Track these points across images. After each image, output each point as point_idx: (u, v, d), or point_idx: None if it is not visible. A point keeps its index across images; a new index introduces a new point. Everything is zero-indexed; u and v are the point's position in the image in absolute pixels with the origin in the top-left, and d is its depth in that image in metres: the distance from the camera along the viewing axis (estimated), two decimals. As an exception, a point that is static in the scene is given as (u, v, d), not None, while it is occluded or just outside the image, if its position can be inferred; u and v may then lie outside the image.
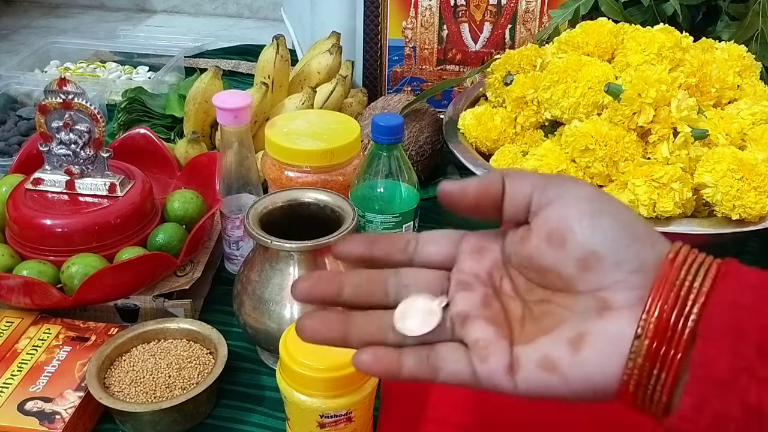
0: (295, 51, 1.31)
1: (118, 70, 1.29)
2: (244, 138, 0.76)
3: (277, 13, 1.73)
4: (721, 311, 0.31)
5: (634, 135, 0.73)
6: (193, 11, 1.96)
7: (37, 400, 0.60)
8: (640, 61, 0.77)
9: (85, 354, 0.65)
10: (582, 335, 0.33)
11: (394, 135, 0.70)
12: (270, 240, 0.61)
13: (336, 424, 0.54)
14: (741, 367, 0.30)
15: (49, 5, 1.97)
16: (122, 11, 1.96)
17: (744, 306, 0.31)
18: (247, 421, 0.63)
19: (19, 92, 1.17)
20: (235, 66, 1.35)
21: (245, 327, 0.66)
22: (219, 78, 0.93)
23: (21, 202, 0.72)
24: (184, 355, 0.64)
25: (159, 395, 0.61)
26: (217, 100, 0.74)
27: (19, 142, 1.03)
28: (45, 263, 0.69)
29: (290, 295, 0.63)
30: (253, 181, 0.78)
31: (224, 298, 0.75)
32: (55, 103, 0.70)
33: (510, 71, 0.87)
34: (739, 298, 0.31)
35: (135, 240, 0.73)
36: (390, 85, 1.10)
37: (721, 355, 0.30)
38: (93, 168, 0.73)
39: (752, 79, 0.82)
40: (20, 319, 0.69)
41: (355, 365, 0.35)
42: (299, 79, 1.01)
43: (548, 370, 0.33)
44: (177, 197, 0.77)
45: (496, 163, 0.81)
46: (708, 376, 0.30)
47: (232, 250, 0.79)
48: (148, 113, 1.04)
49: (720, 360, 0.30)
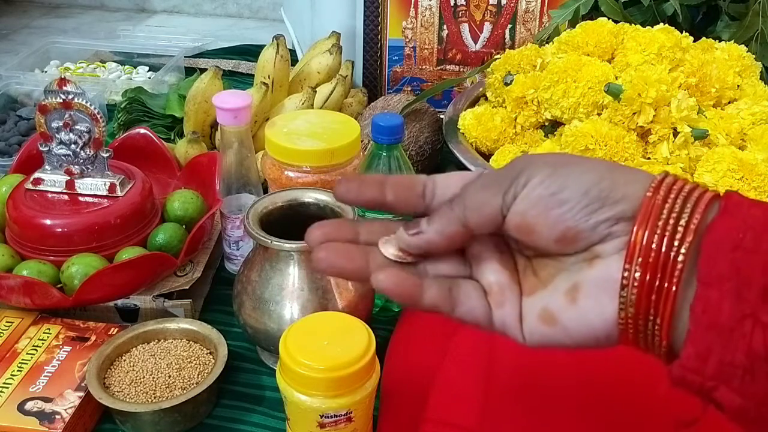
0: (295, 51, 1.31)
1: (118, 70, 1.29)
2: (244, 138, 0.76)
3: (277, 13, 1.73)
4: (721, 254, 0.30)
5: (634, 135, 0.73)
6: (193, 11, 1.96)
7: (37, 400, 0.60)
8: (640, 61, 0.77)
9: (85, 354, 0.65)
10: (576, 285, 0.33)
11: (394, 135, 0.70)
12: (270, 240, 0.61)
13: (336, 424, 0.54)
14: (745, 313, 0.29)
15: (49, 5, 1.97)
16: (122, 11, 1.96)
17: (746, 248, 0.29)
18: (247, 421, 0.63)
19: (19, 92, 1.17)
20: (235, 66, 1.34)
21: (245, 327, 0.66)
22: (219, 78, 0.93)
23: (21, 202, 0.72)
24: (184, 355, 0.64)
25: (159, 395, 0.61)
26: (217, 100, 0.74)
27: (19, 142, 1.03)
28: (45, 263, 0.69)
29: (290, 295, 0.63)
30: (253, 181, 0.78)
31: (224, 298, 0.75)
32: (55, 103, 0.70)
33: (510, 71, 0.87)
34: (741, 238, 0.30)
35: (135, 240, 0.73)
36: (390, 85, 1.10)
37: (724, 301, 0.29)
38: (93, 168, 0.73)
39: (752, 79, 0.82)
40: (20, 319, 0.69)
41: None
42: (299, 79, 1.01)
43: (548, 322, 0.34)
44: (177, 197, 0.77)
45: (496, 163, 0.81)
46: (711, 323, 0.29)
47: (232, 250, 0.79)
48: (148, 113, 1.04)
49: (722, 306, 0.29)
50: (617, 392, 0.58)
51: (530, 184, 0.33)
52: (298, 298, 0.63)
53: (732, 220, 0.30)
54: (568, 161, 0.34)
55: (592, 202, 0.32)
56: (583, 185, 0.33)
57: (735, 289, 0.29)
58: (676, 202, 0.31)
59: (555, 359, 0.60)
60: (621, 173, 0.33)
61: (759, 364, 0.29)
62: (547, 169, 0.33)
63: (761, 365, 0.29)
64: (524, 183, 0.34)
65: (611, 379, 0.59)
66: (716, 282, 0.29)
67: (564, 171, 0.33)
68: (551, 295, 0.34)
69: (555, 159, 0.35)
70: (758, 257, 0.29)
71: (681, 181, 0.32)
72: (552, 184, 0.33)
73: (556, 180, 0.33)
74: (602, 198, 0.32)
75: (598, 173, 0.33)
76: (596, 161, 0.34)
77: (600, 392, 0.58)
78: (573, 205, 0.33)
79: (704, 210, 0.31)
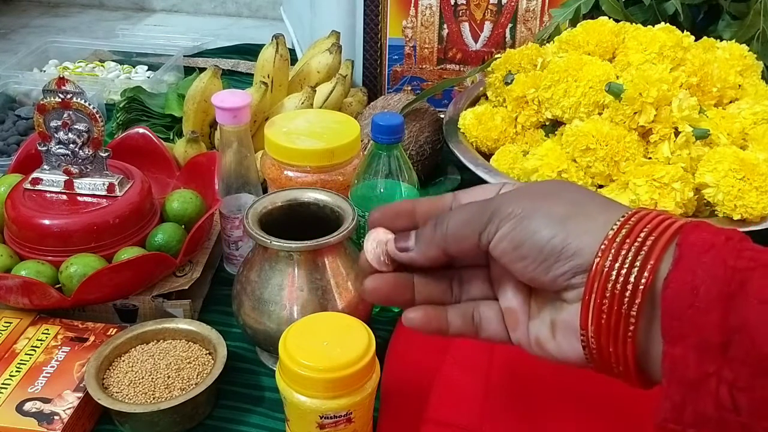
0: (294, 50, 1.31)
1: (116, 69, 1.28)
2: (243, 137, 0.75)
3: (276, 12, 1.73)
4: (678, 311, 0.31)
5: (635, 134, 0.73)
6: (192, 10, 1.96)
7: (35, 400, 0.60)
8: (641, 61, 0.77)
9: (83, 354, 0.64)
10: (554, 323, 0.37)
11: (394, 135, 0.70)
12: (269, 240, 0.61)
13: (336, 425, 0.54)
14: (708, 372, 0.31)
15: (47, 4, 1.96)
16: (121, 10, 1.96)
17: (699, 307, 0.31)
18: (246, 421, 0.63)
19: (18, 92, 1.17)
20: (235, 65, 1.34)
21: (244, 327, 0.65)
22: (218, 77, 0.93)
23: (19, 202, 0.72)
24: (183, 355, 0.64)
25: (158, 396, 0.60)
26: (216, 100, 0.74)
27: (17, 141, 1.03)
28: (44, 263, 0.69)
29: (290, 296, 0.63)
30: (253, 181, 0.78)
31: (223, 298, 0.75)
32: (53, 102, 0.70)
33: (510, 70, 0.86)
34: (694, 296, 0.31)
35: (134, 240, 0.73)
36: (390, 85, 1.10)
37: (688, 357, 0.31)
38: (92, 168, 0.73)
39: (754, 78, 0.82)
40: (19, 320, 0.68)
41: (406, 324, 0.40)
42: (299, 79, 1.01)
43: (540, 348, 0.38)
44: (176, 197, 0.77)
45: (497, 163, 0.81)
46: (681, 378, 0.32)
47: (231, 251, 0.79)
48: (147, 113, 1.04)
49: (688, 362, 0.31)
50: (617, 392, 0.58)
51: (498, 234, 0.36)
52: (298, 298, 0.62)
53: (685, 274, 0.31)
54: (534, 209, 0.36)
55: (547, 258, 0.35)
56: (539, 242, 0.35)
57: (697, 345, 0.31)
58: (627, 259, 0.32)
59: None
60: (575, 223, 0.35)
61: (727, 416, 0.31)
62: (513, 221, 0.36)
63: (729, 416, 0.31)
64: (495, 231, 0.36)
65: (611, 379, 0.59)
66: (679, 340, 0.31)
67: (526, 224, 0.35)
68: (540, 325, 0.38)
69: (524, 205, 0.36)
70: (711, 317, 0.31)
71: (640, 225, 0.33)
72: (515, 238, 0.36)
73: (519, 233, 0.35)
74: (556, 254, 0.34)
75: (553, 228, 0.35)
76: (562, 202, 0.36)
77: (600, 392, 0.58)
78: (531, 261, 0.35)
79: (656, 262, 0.32)
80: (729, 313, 0.30)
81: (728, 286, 0.31)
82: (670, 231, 0.33)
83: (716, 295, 0.31)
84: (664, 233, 0.33)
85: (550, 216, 0.35)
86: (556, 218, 0.35)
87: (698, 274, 0.31)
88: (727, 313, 0.30)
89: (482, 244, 0.37)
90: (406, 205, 0.42)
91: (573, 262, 0.34)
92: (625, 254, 0.33)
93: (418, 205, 0.42)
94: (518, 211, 0.36)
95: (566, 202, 0.36)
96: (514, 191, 0.39)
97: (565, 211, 0.35)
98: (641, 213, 0.34)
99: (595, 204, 0.36)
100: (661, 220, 0.34)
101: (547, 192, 0.37)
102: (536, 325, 0.38)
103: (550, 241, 0.34)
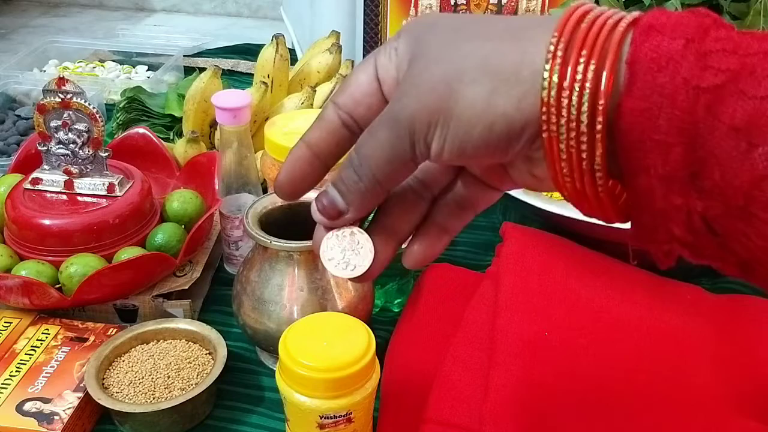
0: (294, 50, 1.31)
1: (116, 69, 1.28)
2: (243, 137, 0.75)
3: (276, 12, 1.73)
4: (638, 143, 0.27)
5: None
6: (192, 10, 1.96)
7: (35, 400, 0.60)
8: (640, 61, 0.77)
9: (83, 354, 0.64)
10: (534, 174, 0.33)
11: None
12: (270, 240, 0.61)
13: (336, 425, 0.54)
14: (676, 204, 0.28)
15: (48, 4, 1.97)
16: (121, 10, 1.96)
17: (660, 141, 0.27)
18: (246, 422, 0.63)
19: (18, 92, 1.17)
20: (235, 65, 1.34)
21: (244, 327, 0.65)
22: (218, 77, 0.93)
23: (19, 201, 0.72)
24: (183, 355, 0.64)
25: (158, 396, 0.60)
26: (216, 100, 0.74)
27: (17, 141, 1.03)
28: (43, 263, 0.69)
29: (290, 296, 0.63)
30: (253, 181, 0.78)
31: (223, 298, 0.75)
32: (53, 102, 0.70)
33: (510, 70, 0.86)
34: (653, 131, 0.27)
35: (134, 240, 0.73)
36: (390, 85, 1.10)
37: (654, 189, 0.28)
38: (92, 168, 0.73)
39: (753, 78, 0.82)
40: (19, 320, 0.68)
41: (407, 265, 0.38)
42: (299, 79, 1.01)
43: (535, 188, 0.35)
44: (176, 197, 0.77)
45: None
46: (646, 208, 0.29)
47: (231, 251, 0.79)
48: (147, 113, 1.04)
49: (654, 194, 0.28)
50: (617, 392, 0.58)
51: (432, 152, 0.31)
52: (298, 298, 0.62)
53: (638, 102, 0.27)
54: (450, 93, 0.30)
55: (497, 147, 0.30)
56: (481, 139, 0.30)
57: (662, 177, 0.27)
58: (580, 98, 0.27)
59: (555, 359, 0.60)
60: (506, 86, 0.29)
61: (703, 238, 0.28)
62: (438, 130, 0.30)
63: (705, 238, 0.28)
64: (426, 150, 0.31)
65: (611, 380, 0.59)
66: (641, 171, 0.28)
67: (455, 125, 0.30)
68: (522, 175, 0.34)
69: (439, 93, 0.30)
70: (674, 151, 0.27)
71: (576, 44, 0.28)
72: (453, 149, 0.30)
73: (454, 142, 0.30)
74: (504, 140, 0.30)
75: (486, 116, 0.29)
76: (471, 60, 0.30)
77: (600, 392, 0.58)
78: (483, 157, 0.31)
79: (608, 86, 0.27)
80: (694, 145, 0.26)
81: (691, 114, 0.26)
82: (615, 39, 0.28)
83: (678, 128, 0.26)
84: (606, 54, 0.27)
85: (475, 98, 0.29)
86: (481, 95, 0.29)
87: (655, 100, 0.26)
88: (692, 146, 0.26)
89: (421, 163, 0.32)
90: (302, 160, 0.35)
91: (525, 137, 0.29)
92: (577, 95, 0.27)
93: (314, 147, 0.34)
94: (436, 118, 0.30)
95: (475, 58, 0.29)
96: (408, 76, 0.31)
97: (482, 73, 0.29)
98: (571, 22, 0.28)
99: (509, 36, 0.30)
100: (601, 26, 0.28)
101: (441, 54, 0.30)
102: (518, 175, 0.34)
103: (493, 131, 0.29)
